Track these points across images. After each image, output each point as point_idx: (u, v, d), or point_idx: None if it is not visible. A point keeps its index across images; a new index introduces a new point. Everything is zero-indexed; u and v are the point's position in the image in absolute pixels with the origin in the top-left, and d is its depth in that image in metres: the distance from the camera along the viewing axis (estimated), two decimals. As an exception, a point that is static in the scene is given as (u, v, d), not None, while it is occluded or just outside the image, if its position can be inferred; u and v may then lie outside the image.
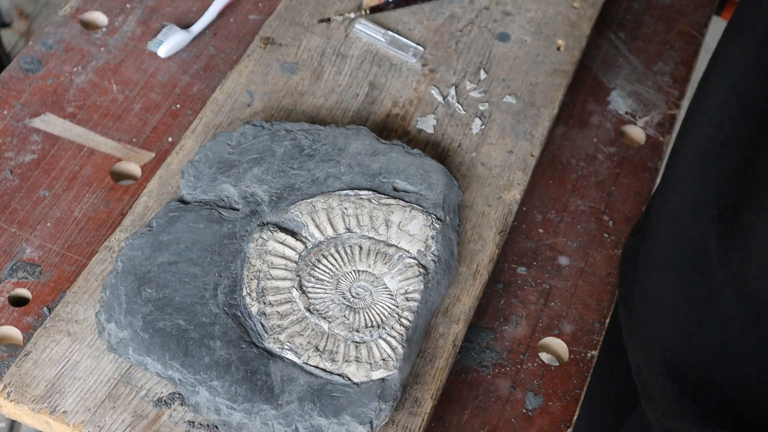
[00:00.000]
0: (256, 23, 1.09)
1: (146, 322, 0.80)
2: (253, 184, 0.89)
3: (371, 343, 0.81)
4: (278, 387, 0.78)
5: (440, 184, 0.90)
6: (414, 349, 0.83)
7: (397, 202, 0.88)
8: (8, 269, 0.90)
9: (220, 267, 0.84)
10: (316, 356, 0.80)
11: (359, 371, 0.80)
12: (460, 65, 1.04)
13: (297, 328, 0.82)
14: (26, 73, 1.03)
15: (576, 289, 0.94)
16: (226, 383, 0.78)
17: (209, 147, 0.92)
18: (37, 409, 0.80)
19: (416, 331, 0.83)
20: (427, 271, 0.85)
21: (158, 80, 1.04)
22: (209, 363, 0.79)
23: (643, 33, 1.15)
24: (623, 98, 1.08)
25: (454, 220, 0.90)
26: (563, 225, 0.98)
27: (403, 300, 0.83)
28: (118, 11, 1.09)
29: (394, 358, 0.80)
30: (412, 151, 0.92)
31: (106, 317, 0.82)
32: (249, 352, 0.80)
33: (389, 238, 0.87)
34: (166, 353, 0.79)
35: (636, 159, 1.04)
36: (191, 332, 0.80)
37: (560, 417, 0.86)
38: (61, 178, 0.96)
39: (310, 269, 0.85)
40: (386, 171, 0.90)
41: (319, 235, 0.86)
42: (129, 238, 0.85)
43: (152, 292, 0.82)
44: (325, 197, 0.88)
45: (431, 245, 0.86)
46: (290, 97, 1.00)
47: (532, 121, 1.00)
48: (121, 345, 0.81)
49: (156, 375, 0.81)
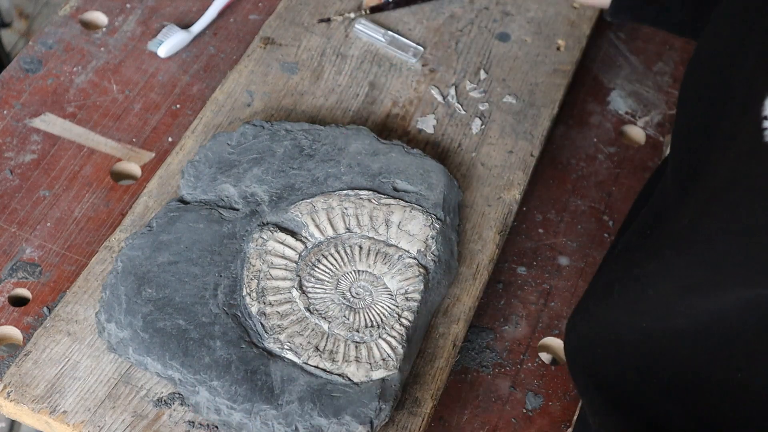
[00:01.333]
0: (256, 23, 1.09)
1: (146, 322, 0.80)
2: (253, 184, 0.89)
3: (371, 343, 0.81)
4: (278, 387, 0.78)
5: (440, 184, 0.90)
6: (414, 349, 0.83)
7: (397, 202, 0.88)
8: (8, 269, 0.90)
9: (220, 267, 0.84)
10: (316, 356, 0.80)
11: (359, 371, 0.80)
12: (460, 65, 1.04)
13: (297, 328, 0.82)
14: (26, 73, 1.03)
15: (576, 289, 0.94)
16: (226, 383, 0.78)
17: (209, 147, 0.92)
18: (37, 409, 0.80)
19: (416, 331, 0.83)
20: (427, 271, 0.85)
21: (158, 80, 1.04)
22: (209, 363, 0.79)
23: (643, 33, 1.15)
24: (623, 98, 1.08)
25: (454, 220, 0.90)
26: (563, 225, 0.98)
27: (403, 300, 0.83)
28: (118, 11, 1.09)
29: (394, 358, 0.80)
30: (412, 151, 0.92)
31: (106, 317, 0.82)
32: (249, 352, 0.80)
33: (389, 238, 0.87)
34: (166, 353, 0.79)
35: (636, 159, 1.04)
36: (191, 332, 0.80)
37: (560, 417, 0.86)
38: (61, 178, 0.96)
39: (310, 269, 0.85)
40: (386, 171, 0.90)
41: (319, 235, 0.86)
42: (129, 238, 0.85)
43: (152, 292, 0.82)
44: (325, 197, 0.88)
45: (431, 245, 0.86)
46: (290, 97, 1.00)
47: (532, 121, 1.00)
48: (121, 345, 0.81)
49: (156, 375, 0.81)
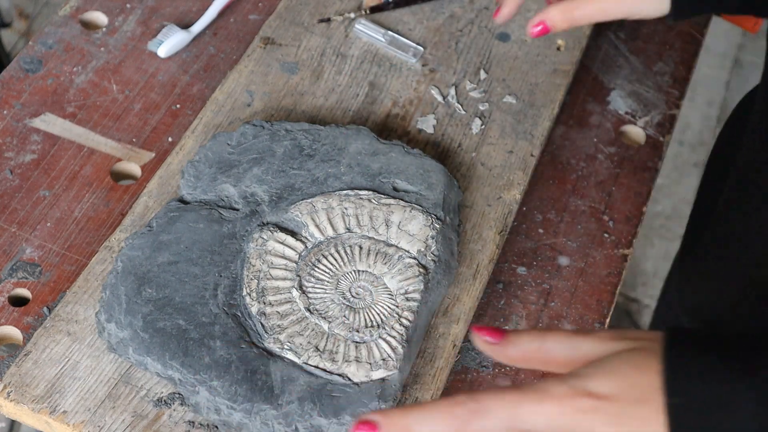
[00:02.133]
0: (256, 23, 1.09)
1: (146, 322, 0.80)
2: (253, 184, 0.89)
3: (371, 343, 0.81)
4: (278, 387, 0.78)
5: (440, 184, 0.90)
6: (414, 349, 0.83)
7: (397, 202, 0.88)
8: (8, 269, 0.90)
9: (220, 267, 0.84)
10: (316, 356, 0.80)
11: (359, 371, 0.80)
12: (460, 65, 1.04)
13: (297, 328, 0.82)
14: (26, 73, 1.03)
15: (576, 289, 0.94)
16: (226, 383, 0.78)
17: (209, 147, 0.92)
18: (37, 409, 0.80)
19: (416, 331, 0.83)
20: (427, 271, 0.85)
21: (158, 80, 1.04)
22: (209, 363, 0.79)
23: (643, 33, 1.15)
24: (623, 98, 1.08)
25: (454, 219, 0.90)
26: (563, 225, 0.98)
27: (403, 300, 0.83)
28: (118, 11, 1.09)
29: (394, 358, 0.80)
30: (412, 151, 0.92)
31: (106, 317, 0.82)
32: (249, 352, 0.80)
33: (389, 238, 0.87)
34: (166, 353, 0.79)
35: (636, 159, 1.04)
36: (191, 332, 0.80)
37: (560, 417, 0.86)
38: (61, 178, 0.96)
39: (310, 269, 0.85)
40: (386, 171, 0.90)
41: (319, 235, 0.86)
42: (129, 238, 0.85)
43: (152, 292, 0.82)
44: (325, 197, 0.88)
45: (431, 245, 0.86)
46: (290, 97, 1.00)
47: (532, 121, 1.00)
48: (121, 345, 0.81)
49: (156, 375, 0.81)
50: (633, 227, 0.99)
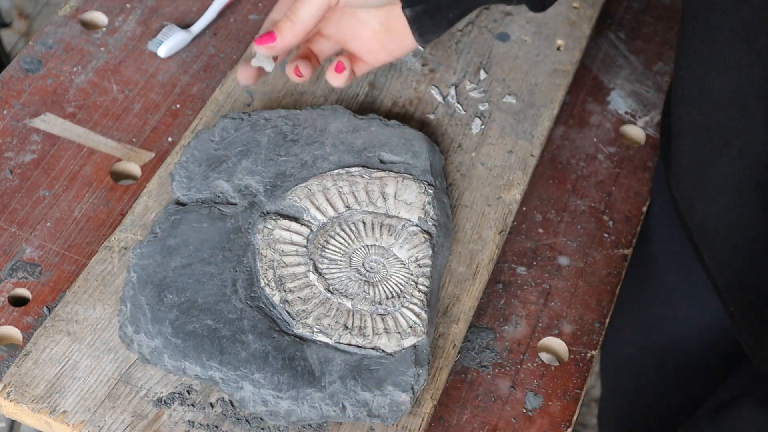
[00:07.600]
0: (256, 23, 1.09)
1: (175, 327, 0.80)
2: (245, 176, 0.89)
3: (395, 313, 0.82)
4: (318, 369, 0.79)
5: (424, 151, 0.91)
6: (433, 314, 0.84)
7: (387, 174, 0.89)
8: (8, 269, 0.90)
9: (233, 262, 0.84)
10: (347, 334, 0.81)
11: (391, 342, 0.80)
12: (460, 65, 1.04)
13: (322, 309, 0.82)
14: (26, 73, 1.03)
15: (576, 289, 0.94)
16: (267, 374, 0.78)
17: (194, 146, 0.92)
18: (37, 409, 0.80)
19: (432, 295, 0.84)
20: (431, 236, 0.86)
21: (158, 80, 1.04)
22: (247, 357, 0.79)
23: (643, 33, 1.15)
24: (623, 98, 1.08)
25: (442, 183, 0.92)
26: (563, 225, 0.98)
27: (416, 267, 0.84)
28: (118, 11, 1.09)
29: (421, 324, 0.81)
30: (390, 123, 0.94)
31: (134, 329, 0.81)
32: (282, 341, 0.80)
33: (389, 210, 0.87)
34: (203, 354, 0.79)
35: (636, 159, 1.04)
36: (221, 330, 0.80)
37: (560, 417, 0.86)
38: (61, 178, 0.96)
39: (321, 251, 0.85)
40: (370, 145, 0.91)
41: (321, 216, 0.87)
42: (136, 248, 0.85)
43: (173, 297, 0.82)
44: (318, 179, 0.89)
45: (429, 211, 0.87)
46: (290, 97, 1.00)
47: (532, 121, 1.00)
48: (155, 354, 0.80)
49: (195, 378, 0.80)
50: (633, 227, 0.99)
